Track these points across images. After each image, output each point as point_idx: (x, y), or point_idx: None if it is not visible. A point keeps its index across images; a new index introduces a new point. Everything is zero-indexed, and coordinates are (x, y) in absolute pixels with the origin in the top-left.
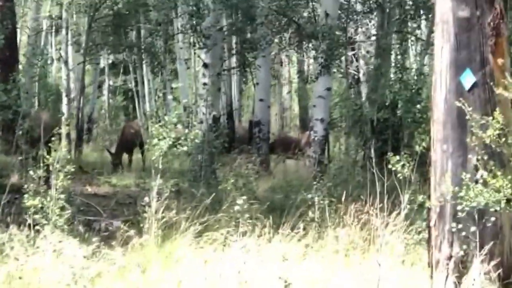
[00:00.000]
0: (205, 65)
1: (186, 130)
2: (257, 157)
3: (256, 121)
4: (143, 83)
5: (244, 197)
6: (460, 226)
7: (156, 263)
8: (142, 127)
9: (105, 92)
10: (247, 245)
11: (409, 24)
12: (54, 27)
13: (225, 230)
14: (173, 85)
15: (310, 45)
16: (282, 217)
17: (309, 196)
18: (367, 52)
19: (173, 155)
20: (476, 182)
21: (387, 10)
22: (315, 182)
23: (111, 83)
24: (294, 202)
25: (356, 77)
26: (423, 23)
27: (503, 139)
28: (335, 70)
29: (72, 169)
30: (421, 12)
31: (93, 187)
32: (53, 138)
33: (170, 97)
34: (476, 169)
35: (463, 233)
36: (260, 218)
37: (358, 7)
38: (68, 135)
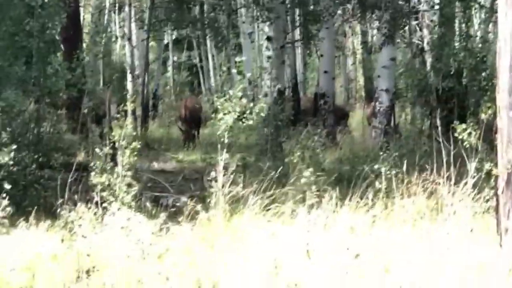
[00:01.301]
0: (269, 38)
1: (251, 104)
2: (323, 129)
3: (321, 93)
4: (207, 58)
5: (311, 169)
6: None
7: (224, 238)
8: (202, 101)
9: (170, 68)
10: (315, 217)
11: None
12: (117, 4)
13: (292, 202)
14: (237, 59)
15: (373, 15)
16: (349, 188)
17: (376, 166)
18: (431, 21)
19: (238, 129)
20: None
21: None
22: (381, 153)
23: (175, 59)
24: (361, 173)
25: (420, 46)
26: None
27: None
28: (399, 40)
29: (138, 146)
30: None
31: (160, 163)
32: (118, 115)
33: (234, 71)
34: None
35: None
36: (327, 189)
37: None
38: (133, 112)
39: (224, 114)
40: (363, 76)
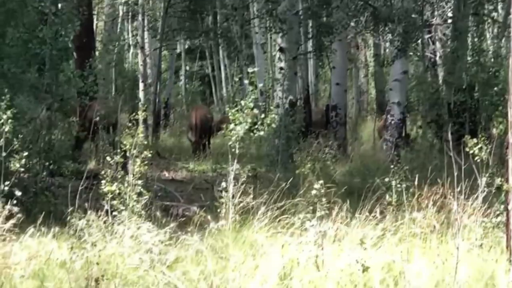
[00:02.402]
0: (281, 50)
1: (263, 115)
2: (334, 141)
3: (332, 105)
4: (219, 68)
5: (321, 181)
6: None
7: (233, 248)
8: (214, 111)
9: (182, 77)
10: (325, 229)
11: (486, 6)
12: (130, 13)
13: (302, 214)
14: (249, 70)
15: (386, 28)
16: (359, 201)
17: (386, 179)
18: (444, 34)
19: (250, 140)
20: None
21: None
22: (392, 166)
23: (187, 68)
24: (371, 186)
25: (432, 60)
26: (500, 5)
27: None
28: (411, 53)
29: (149, 155)
30: None
31: (171, 173)
32: (129, 124)
33: (246, 81)
34: None
35: None
36: (338, 202)
37: None
38: (145, 120)
39: (236, 124)
40: (375, 88)
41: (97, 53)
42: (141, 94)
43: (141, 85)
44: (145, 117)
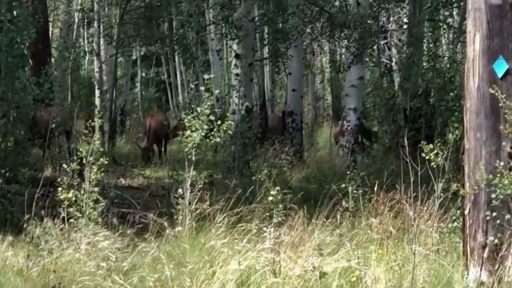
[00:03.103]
0: (237, 56)
1: (219, 121)
2: (290, 147)
3: (289, 111)
4: (175, 74)
5: (278, 188)
6: (494, 214)
7: (190, 255)
8: (167, 117)
9: (138, 84)
10: (281, 236)
11: (441, 12)
12: (86, 20)
13: (259, 221)
14: (205, 76)
15: (342, 34)
16: (316, 207)
17: (343, 185)
18: (399, 40)
19: (206, 147)
20: (510, 169)
21: None
22: (348, 172)
23: (143, 75)
24: (328, 192)
25: (388, 66)
26: (455, 11)
27: None
28: (367, 59)
29: (106, 162)
30: (453, 0)
31: (127, 179)
32: (85, 131)
33: (202, 88)
34: (510, 156)
35: (498, 221)
36: (294, 208)
37: None
38: (101, 127)
39: (192, 131)
40: (331, 94)
41: (53, 60)
42: (97, 101)
43: (97, 92)
44: (101, 124)
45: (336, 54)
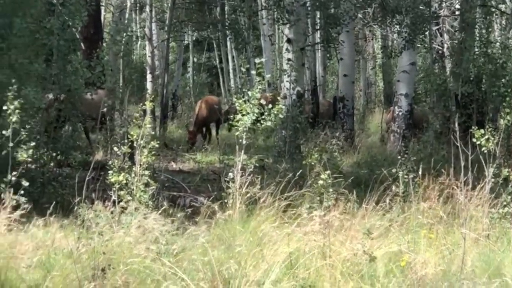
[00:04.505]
0: (289, 41)
1: (270, 105)
2: (341, 132)
3: (340, 96)
4: (227, 60)
5: (328, 172)
6: None
7: (240, 238)
8: (220, 102)
9: (190, 69)
10: (331, 220)
11: None
12: (138, 5)
13: (309, 205)
14: (256, 60)
15: (394, 19)
16: (366, 192)
17: (393, 170)
18: (452, 26)
19: (257, 131)
20: None
21: None
22: (399, 157)
23: (195, 60)
24: (378, 177)
25: (440, 51)
26: None
27: None
28: (419, 44)
29: (156, 145)
30: None
31: (178, 164)
32: (137, 115)
33: (253, 72)
34: None
35: None
36: (345, 193)
37: None
38: (152, 112)
39: (243, 115)
40: (383, 80)
41: (104, 44)
42: (148, 86)
43: (148, 77)
44: (153, 108)
45: (388, 40)
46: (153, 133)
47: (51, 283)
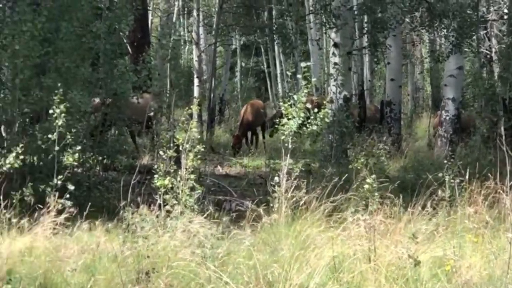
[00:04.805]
0: (336, 45)
1: (315, 109)
2: (388, 137)
3: (387, 100)
4: (275, 64)
5: (374, 176)
6: None
7: (285, 242)
8: (265, 106)
9: (237, 73)
10: (376, 224)
11: None
12: (185, 9)
13: (354, 209)
14: (302, 64)
15: (441, 24)
16: (412, 196)
17: (440, 175)
18: (500, 31)
19: (302, 135)
20: None
21: None
22: (446, 161)
23: (243, 64)
24: (424, 182)
25: (488, 56)
26: None
27: None
28: (466, 49)
29: (202, 149)
30: None
31: (225, 168)
32: (183, 119)
33: (299, 76)
34: None
35: None
36: (390, 197)
37: None
38: (200, 116)
39: (288, 119)
40: (431, 85)
41: (150, 48)
42: (195, 90)
43: (195, 81)
44: (200, 112)
45: (435, 44)
46: (199, 136)
47: (95, 286)
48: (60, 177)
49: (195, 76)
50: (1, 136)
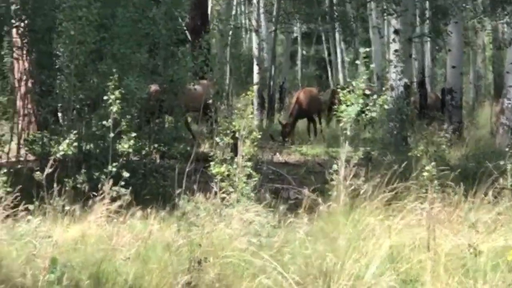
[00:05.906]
0: (396, 32)
1: (375, 96)
2: (449, 125)
3: (448, 88)
4: (335, 52)
5: (433, 164)
6: None
7: (343, 231)
8: (320, 94)
9: (298, 62)
10: (436, 212)
11: None
12: None
13: (414, 197)
14: (361, 50)
15: (504, 10)
16: (473, 185)
17: (502, 163)
18: None
19: (361, 122)
20: None
21: None
22: (507, 149)
23: (304, 52)
24: (486, 170)
25: None
26: None
27: None
28: None
29: (259, 136)
30: None
31: (284, 156)
32: (241, 106)
33: (358, 62)
34: None
35: None
36: (451, 185)
37: None
38: (260, 104)
39: (347, 105)
40: (493, 72)
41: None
42: (255, 78)
43: (255, 68)
44: (260, 100)
45: (497, 31)
46: (256, 123)
47: (147, 275)
48: (115, 164)
49: (255, 63)
50: (58, 122)
